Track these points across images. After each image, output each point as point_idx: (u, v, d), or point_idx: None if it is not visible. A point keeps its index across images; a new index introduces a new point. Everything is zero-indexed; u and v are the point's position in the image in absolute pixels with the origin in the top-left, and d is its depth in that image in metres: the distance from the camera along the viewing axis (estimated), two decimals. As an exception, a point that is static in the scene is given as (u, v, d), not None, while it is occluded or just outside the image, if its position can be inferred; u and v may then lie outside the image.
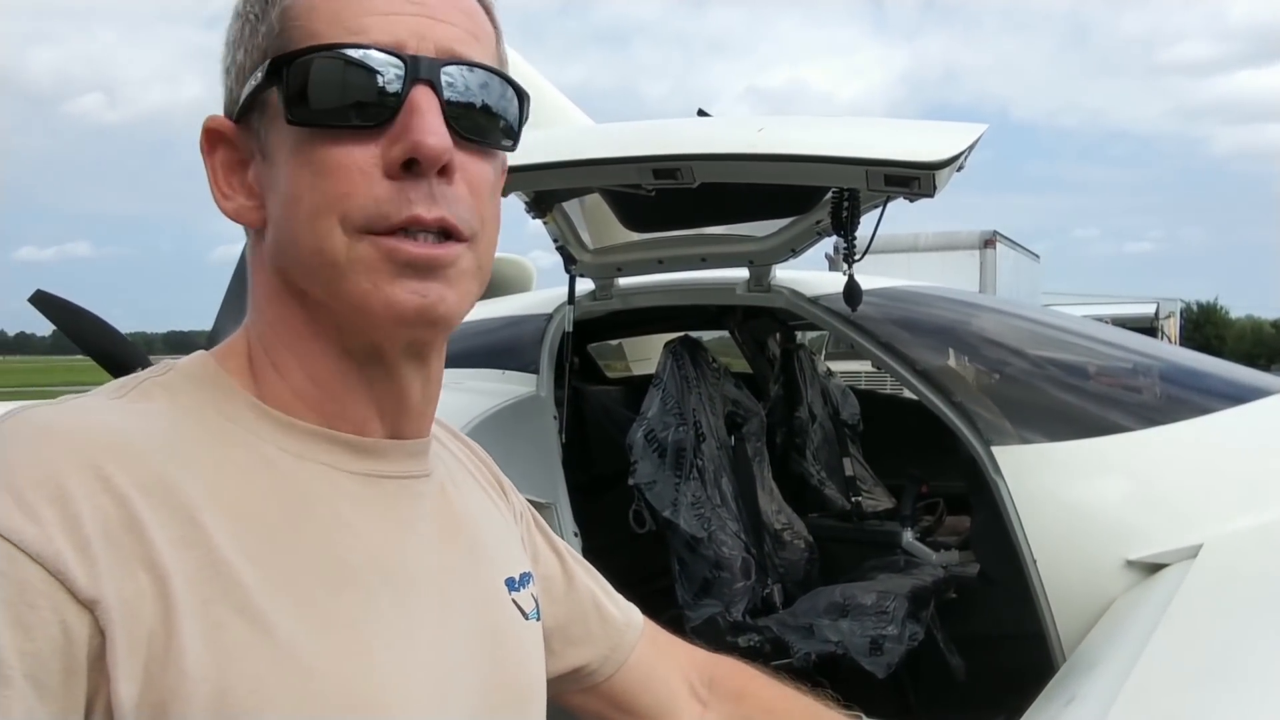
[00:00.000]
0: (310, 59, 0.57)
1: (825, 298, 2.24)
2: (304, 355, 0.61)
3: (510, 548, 0.74)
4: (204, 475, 0.54)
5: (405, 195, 0.57)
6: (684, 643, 0.90)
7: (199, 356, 0.62)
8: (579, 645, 0.82)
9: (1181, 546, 1.64)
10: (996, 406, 2.01)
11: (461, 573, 0.65)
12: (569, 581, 0.83)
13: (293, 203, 0.58)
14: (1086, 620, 1.64)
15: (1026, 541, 1.78)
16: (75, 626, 0.48)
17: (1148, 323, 16.36)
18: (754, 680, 0.89)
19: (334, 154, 0.57)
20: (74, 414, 0.55)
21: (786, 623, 2.27)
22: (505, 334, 2.68)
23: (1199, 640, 1.21)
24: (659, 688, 0.84)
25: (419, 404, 0.65)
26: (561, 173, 1.68)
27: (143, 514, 0.51)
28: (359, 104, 0.57)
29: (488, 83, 0.61)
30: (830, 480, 2.97)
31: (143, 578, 0.49)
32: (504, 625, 0.68)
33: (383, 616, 0.58)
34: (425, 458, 0.66)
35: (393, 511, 0.62)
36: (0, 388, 29.34)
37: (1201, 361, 2.45)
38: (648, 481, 2.37)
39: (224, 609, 0.51)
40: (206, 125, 0.62)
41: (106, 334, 2.43)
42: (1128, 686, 1.01)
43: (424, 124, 0.57)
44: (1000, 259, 10.48)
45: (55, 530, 0.48)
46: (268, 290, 0.62)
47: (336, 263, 0.57)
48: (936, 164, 1.41)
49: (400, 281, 0.57)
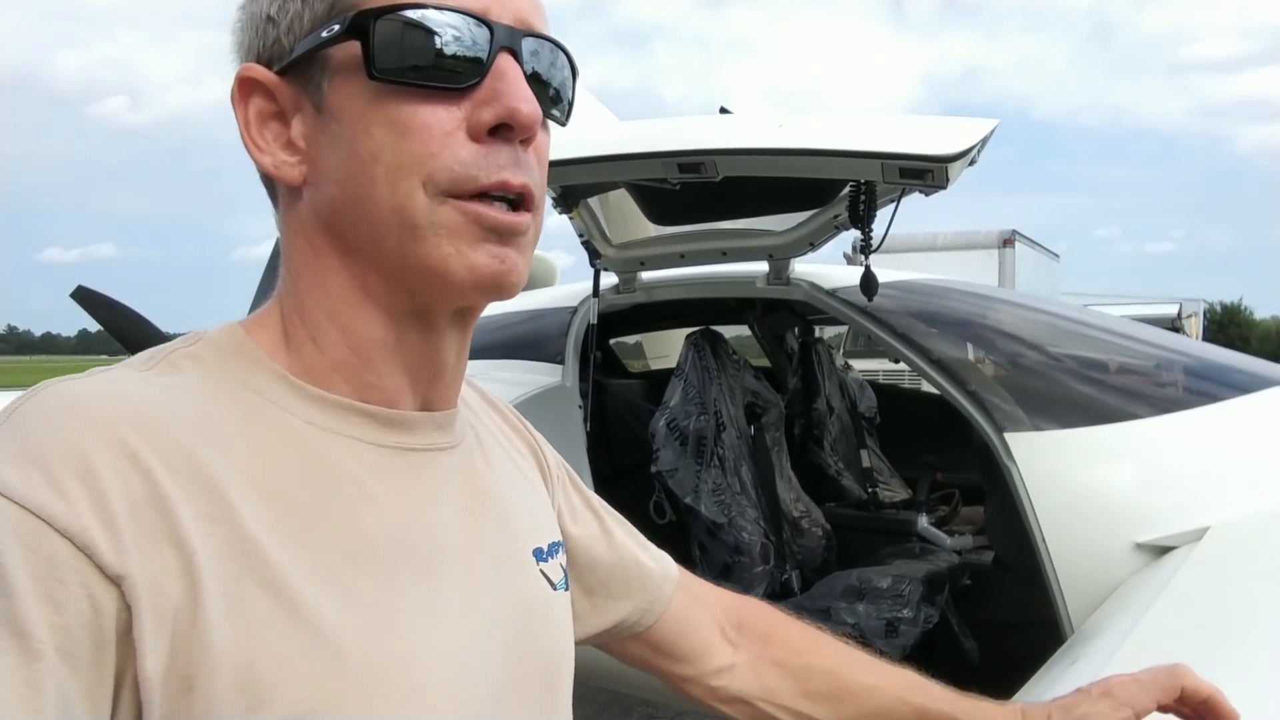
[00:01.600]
0: (400, 16, 0.56)
1: (843, 290, 2.30)
2: (346, 323, 0.60)
3: (540, 517, 0.74)
4: (230, 450, 0.54)
5: (493, 159, 0.57)
6: (714, 587, 0.94)
7: (228, 327, 0.62)
8: (620, 600, 0.84)
9: (1189, 529, 1.69)
10: (1009, 394, 2.06)
11: (488, 545, 0.65)
12: (609, 539, 0.85)
13: (369, 160, 0.57)
14: (1096, 602, 1.68)
15: (1038, 526, 1.83)
16: (103, 601, 0.48)
17: (1170, 323, 16.19)
18: (779, 622, 0.93)
19: (419, 113, 0.56)
20: (101, 387, 0.54)
21: (804, 606, 2.33)
22: (531, 326, 2.75)
23: (1197, 607, 1.26)
24: (694, 633, 0.88)
25: (452, 373, 0.65)
26: (591, 167, 1.75)
27: (169, 490, 0.51)
28: (446, 66, 0.56)
29: (555, 58, 0.62)
30: (848, 471, 3.03)
31: (169, 554, 0.50)
32: (531, 597, 0.68)
33: (408, 591, 0.58)
34: (453, 428, 0.66)
35: (419, 484, 0.62)
36: (27, 387, 29.65)
37: (1211, 351, 2.50)
38: (670, 469, 2.44)
39: (249, 585, 0.51)
40: (242, 75, 0.60)
41: (145, 329, 2.53)
42: (1126, 646, 1.07)
43: (517, 90, 0.57)
44: (1019, 258, 10.44)
45: (83, 506, 0.48)
46: (309, 253, 0.61)
47: (417, 223, 0.57)
48: (949, 157, 1.48)
49: (482, 245, 0.57)
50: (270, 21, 0.60)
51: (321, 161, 0.59)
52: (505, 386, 2.46)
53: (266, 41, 0.60)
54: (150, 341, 2.56)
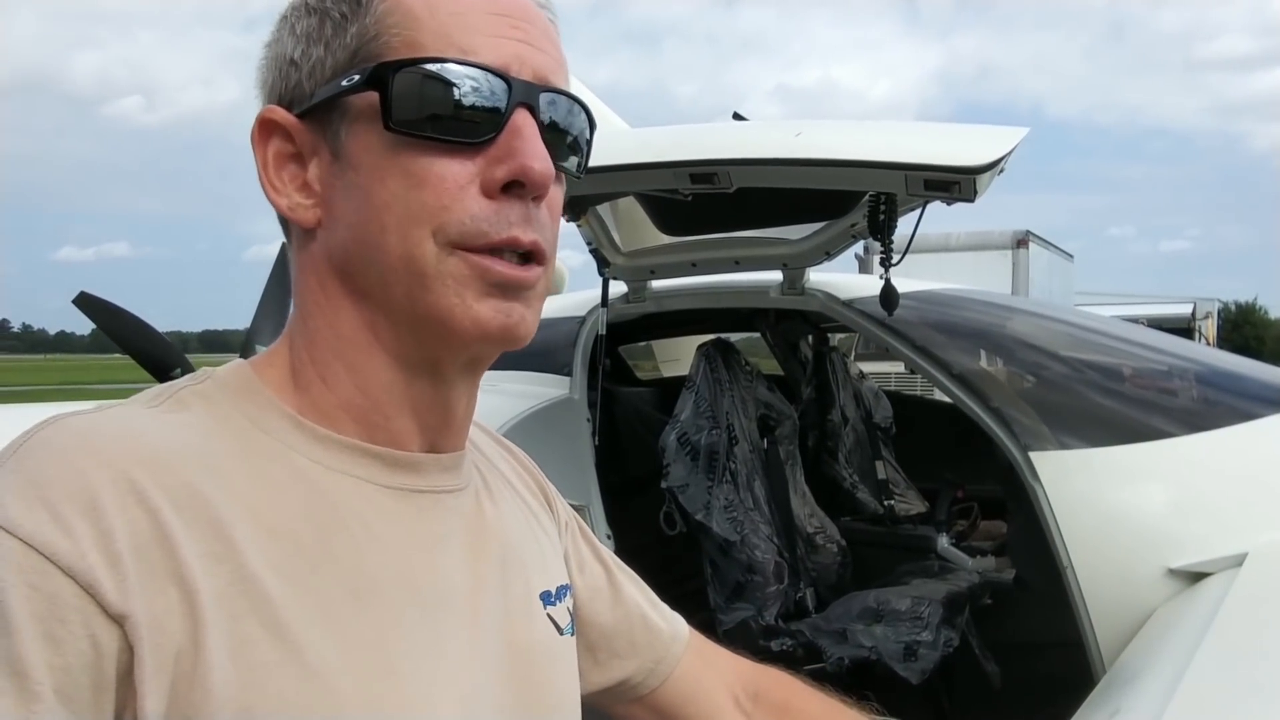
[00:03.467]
0: (419, 70, 0.57)
1: (860, 301, 2.23)
2: (355, 364, 0.60)
3: (548, 559, 0.74)
4: (236, 488, 0.54)
5: (504, 216, 0.58)
6: (729, 653, 0.89)
7: (237, 365, 0.62)
8: (624, 658, 0.81)
9: (1225, 555, 1.61)
10: (1034, 411, 1.99)
11: (493, 588, 0.65)
12: (615, 593, 0.82)
13: (382, 209, 0.57)
14: (1127, 629, 1.62)
15: (1065, 548, 1.76)
16: (105, 641, 0.48)
17: (1184, 323, 16.05)
18: (799, 694, 0.88)
19: (434, 165, 0.57)
20: (108, 423, 0.54)
21: (819, 627, 2.27)
22: (538, 336, 2.68)
23: (1247, 653, 1.19)
24: (704, 700, 0.84)
25: (461, 419, 0.65)
26: (599, 177, 1.69)
27: (174, 528, 0.51)
28: (464, 120, 0.57)
29: (572, 111, 0.62)
30: (863, 483, 2.95)
31: (172, 593, 0.49)
32: (536, 641, 0.67)
33: (411, 634, 0.58)
34: (460, 471, 0.66)
35: (424, 526, 0.61)
36: (42, 386, 29.98)
37: (1242, 365, 2.41)
38: (680, 484, 2.37)
39: (252, 626, 0.51)
40: (263, 116, 0.61)
41: (145, 334, 2.49)
42: (1175, 701, 1.00)
43: (531, 148, 0.58)
44: (1033, 259, 10.34)
45: (88, 544, 0.48)
46: (320, 295, 0.61)
47: (425, 272, 0.57)
48: (978, 168, 1.40)
49: (487, 300, 0.58)
50: (293, 65, 0.61)
51: (336, 206, 0.60)
52: (512, 398, 2.41)
53: (289, 84, 0.61)
54: (151, 347, 2.52)
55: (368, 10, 0.59)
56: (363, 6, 0.59)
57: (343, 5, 0.59)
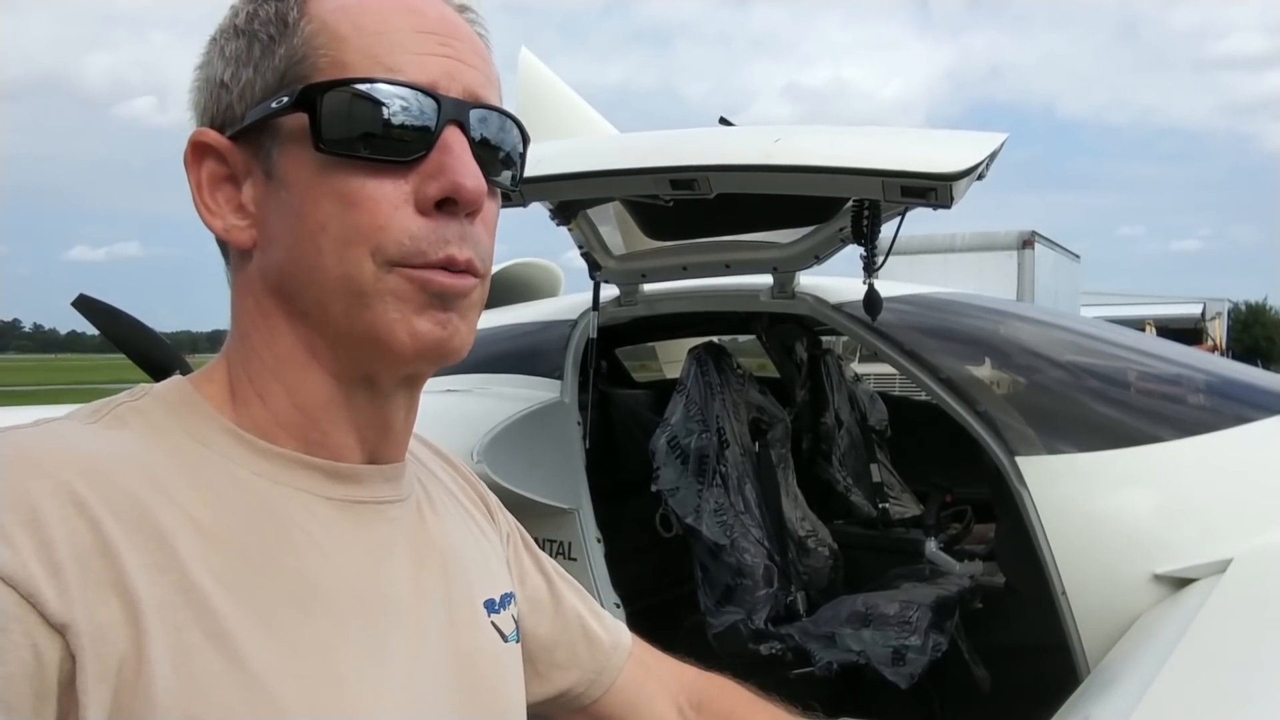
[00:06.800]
0: (347, 90, 0.57)
1: (849, 305, 2.22)
2: (292, 383, 0.61)
3: (491, 567, 0.74)
4: (178, 499, 0.54)
5: (440, 234, 0.58)
6: (675, 662, 0.89)
7: (175, 381, 0.62)
8: (565, 669, 0.81)
9: (1211, 561, 1.61)
10: (1020, 416, 1.99)
11: (436, 596, 0.65)
12: (556, 604, 0.82)
13: (316, 230, 0.58)
14: (1112, 633, 1.62)
15: (1051, 553, 1.75)
16: (46, 651, 0.47)
17: (1193, 324, 15.96)
18: (744, 703, 0.88)
19: (366, 186, 0.57)
20: (48, 437, 0.54)
21: (809, 631, 2.26)
22: (530, 339, 2.70)
23: (1220, 660, 1.18)
24: (646, 710, 0.84)
25: (400, 431, 0.65)
26: (581, 183, 1.69)
27: (116, 538, 0.50)
28: (394, 139, 0.57)
29: (504, 126, 0.62)
30: (857, 486, 2.95)
31: (114, 603, 0.49)
32: (481, 649, 0.67)
33: (355, 643, 0.58)
34: (401, 481, 0.66)
35: (367, 536, 0.62)
36: (52, 385, 30.16)
37: (1232, 370, 2.40)
38: (671, 488, 2.37)
39: (195, 635, 0.51)
40: (195, 139, 0.61)
41: (145, 336, 2.50)
42: (1141, 708, 1.00)
43: (463, 165, 0.58)
44: (1039, 260, 10.29)
45: (28, 554, 0.48)
46: (257, 315, 0.62)
47: (363, 291, 0.57)
48: (953, 175, 1.40)
49: (427, 312, 0.58)
50: (223, 87, 0.61)
51: (270, 227, 0.60)
52: (503, 401, 2.41)
53: (220, 106, 0.61)
54: (150, 348, 2.53)
55: (294, 32, 0.59)
56: (289, 28, 0.59)
57: (270, 27, 0.60)
